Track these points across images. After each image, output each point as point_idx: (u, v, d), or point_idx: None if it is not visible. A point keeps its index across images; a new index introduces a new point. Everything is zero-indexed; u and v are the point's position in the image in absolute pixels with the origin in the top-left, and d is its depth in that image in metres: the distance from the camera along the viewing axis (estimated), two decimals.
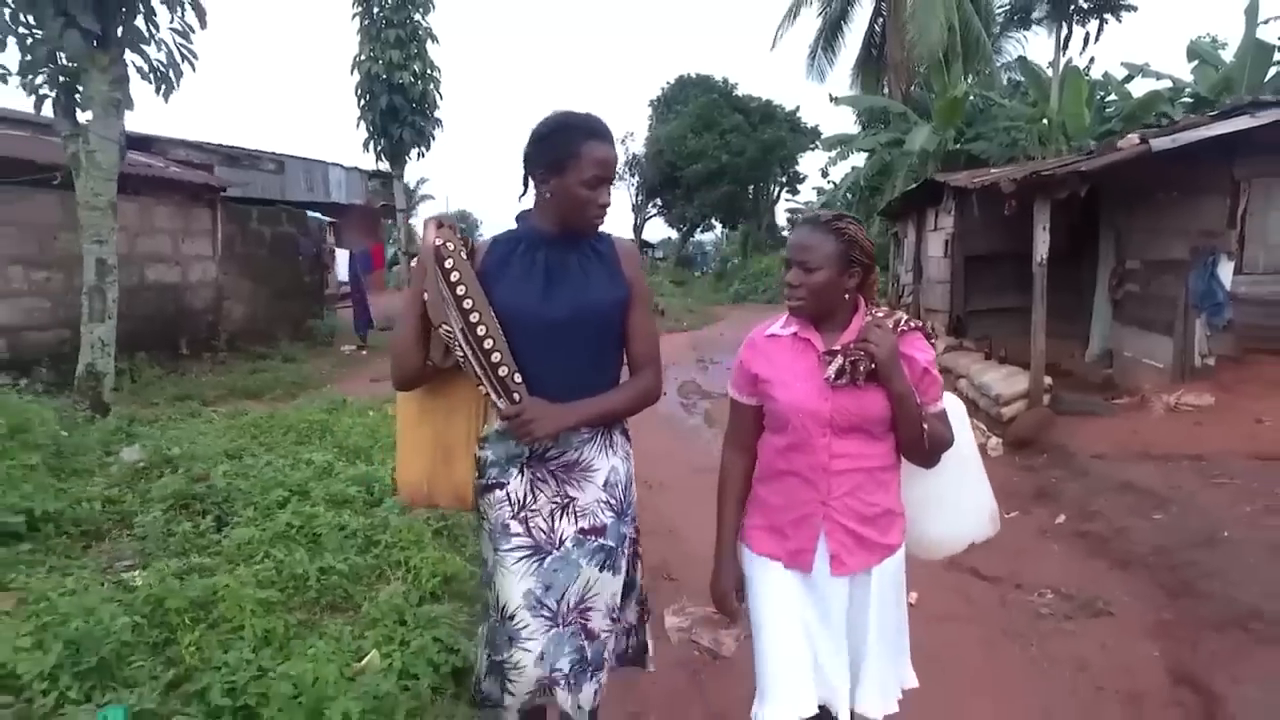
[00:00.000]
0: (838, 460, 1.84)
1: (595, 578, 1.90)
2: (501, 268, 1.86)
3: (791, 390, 1.86)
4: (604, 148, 1.81)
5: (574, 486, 1.90)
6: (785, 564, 1.92)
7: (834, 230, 1.82)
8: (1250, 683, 3.03)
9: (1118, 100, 19.04)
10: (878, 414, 1.82)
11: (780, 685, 1.89)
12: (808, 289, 1.82)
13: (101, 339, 6.24)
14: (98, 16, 5.56)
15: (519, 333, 1.82)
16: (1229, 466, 5.20)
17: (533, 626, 1.84)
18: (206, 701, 2.55)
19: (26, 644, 2.65)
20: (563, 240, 1.87)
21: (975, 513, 2.15)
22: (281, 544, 3.85)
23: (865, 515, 1.87)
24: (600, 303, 1.87)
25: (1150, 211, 7.55)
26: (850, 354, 1.78)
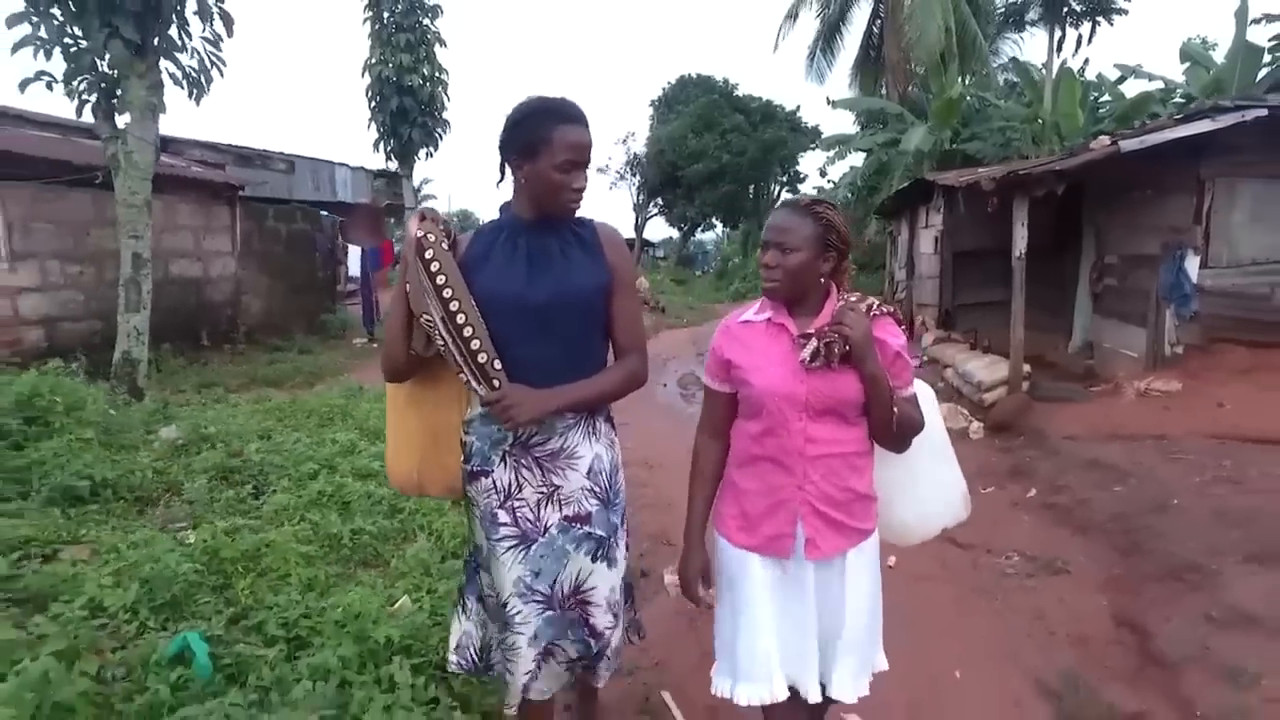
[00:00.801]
0: (812, 445, 1.86)
1: (588, 568, 1.91)
2: (484, 256, 1.87)
3: (766, 374, 1.87)
4: (576, 131, 1.79)
5: (558, 475, 1.90)
6: (761, 552, 1.93)
7: (812, 213, 1.85)
8: (1177, 621, 3.44)
9: (1111, 101, 19.24)
10: (851, 397, 1.84)
11: (755, 668, 1.92)
12: (784, 270, 1.84)
13: (137, 328, 6.66)
14: (138, 27, 5.96)
15: (502, 319, 1.82)
16: (1188, 445, 5.61)
17: (525, 612, 1.88)
18: (264, 633, 2.94)
19: (109, 583, 3.06)
20: (542, 226, 1.87)
21: (947, 497, 2.16)
22: (315, 509, 4.28)
23: (839, 500, 1.89)
24: (582, 287, 1.86)
25: (1126, 209, 7.95)
26: (825, 336, 1.79)
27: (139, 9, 5.91)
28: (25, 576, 3.17)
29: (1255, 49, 15.20)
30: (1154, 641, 3.36)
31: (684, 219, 35.20)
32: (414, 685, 2.54)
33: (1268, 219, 6.62)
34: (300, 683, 2.54)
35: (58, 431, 4.84)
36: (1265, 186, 6.59)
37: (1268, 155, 6.45)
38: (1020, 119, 17.87)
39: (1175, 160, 6.68)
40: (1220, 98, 7.84)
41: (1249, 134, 6.27)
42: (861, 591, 1.93)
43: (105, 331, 8.38)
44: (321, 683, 2.54)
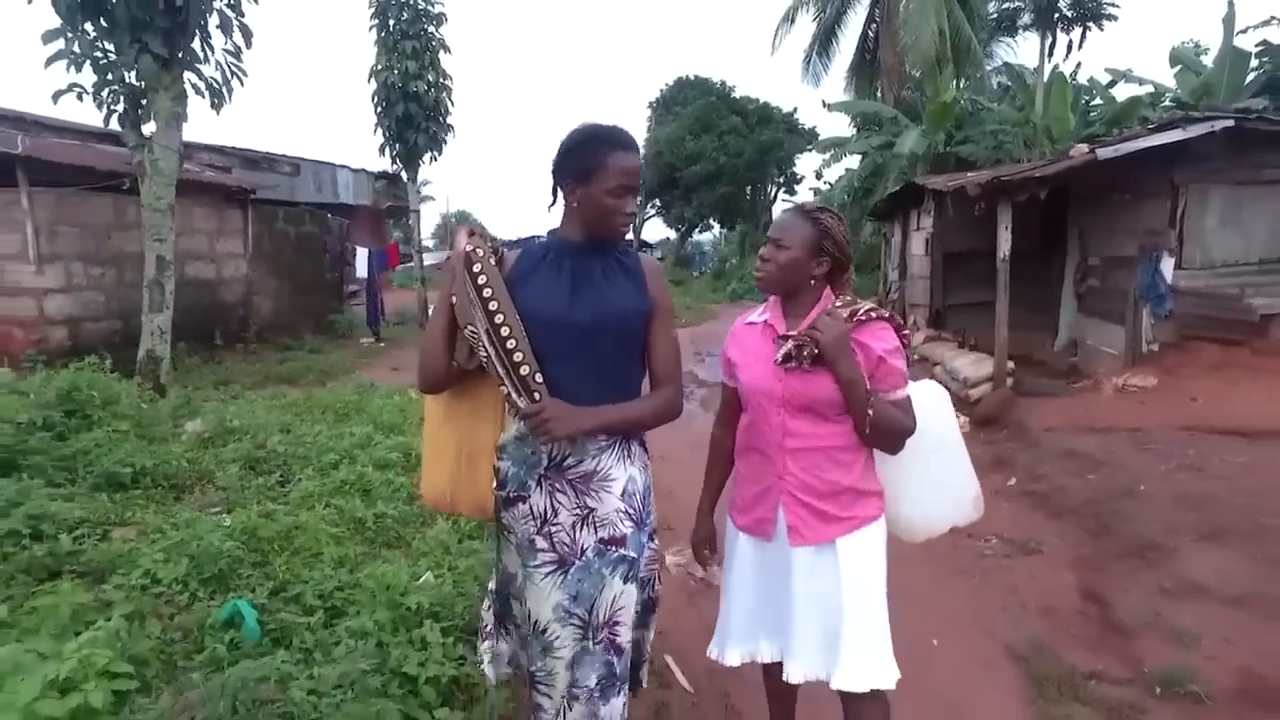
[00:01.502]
0: (791, 438, 1.96)
1: (621, 590, 1.90)
2: (528, 274, 1.90)
3: (750, 371, 2.02)
4: (629, 158, 1.85)
5: (592, 497, 1.90)
6: (749, 533, 2.09)
7: (811, 218, 1.96)
8: (1134, 592, 3.77)
9: (1102, 105, 19.50)
10: (826, 396, 1.91)
11: (735, 633, 2.12)
12: (775, 264, 1.97)
13: (160, 327, 6.97)
14: (165, 42, 6.28)
15: (543, 335, 1.84)
16: (1159, 437, 5.94)
17: (563, 636, 1.87)
18: (302, 603, 3.24)
19: (161, 559, 3.37)
20: (589, 249, 1.91)
21: (955, 497, 2.18)
22: (339, 495, 4.57)
23: (822, 492, 1.95)
24: (623, 310, 1.89)
25: (1107, 212, 8.28)
26: (799, 339, 1.89)
27: (167, 25, 6.23)
28: (86, 552, 3.50)
29: (1243, 54, 15.50)
30: (1113, 611, 3.69)
31: (682, 220, 35.45)
32: (444, 644, 2.85)
33: (1236, 223, 6.97)
34: (340, 644, 2.86)
35: (96, 424, 5.15)
36: (1233, 192, 6.94)
37: (1235, 163, 6.80)
38: (1013, 122, 18.10)
39: (1151, 167, 7.01)
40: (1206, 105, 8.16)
41: (1218, 143, 6.61)
42: (859, 578, 1.95)
43: (125, 331, 8.70)
44: (360, 642, 2.85)
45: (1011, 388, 7.61)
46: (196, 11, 6.41)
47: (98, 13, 6.20)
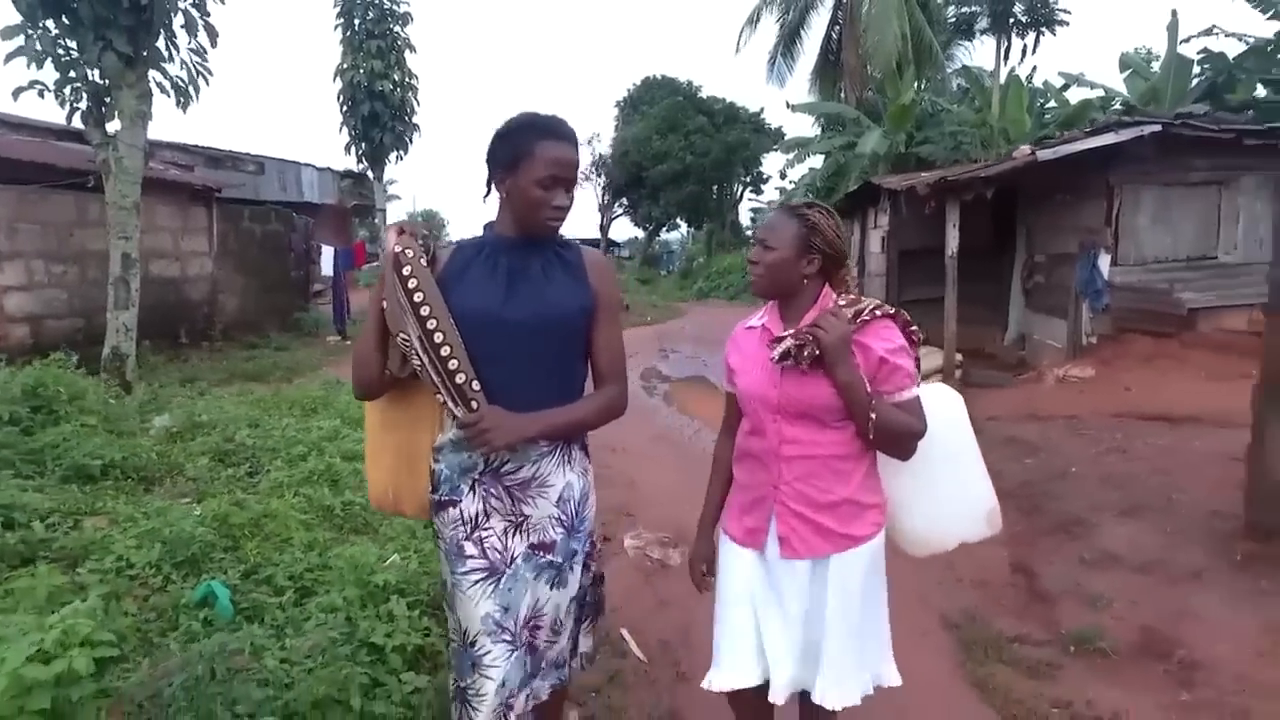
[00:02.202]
0: (788, 446, 1.87)
1: (545, 596, 1.86)
2: (462, 272, 1.81)
3: (748, 376, 1.93)
4: (560, 147, 1.75)
5: (528, 504, 1.84)
6: (740, 542, 1.98)
7: (798, 215, 1.87)
8: (1058, 564, 4.05)
9: (1056, 107, 20.07)
10: (825, 402, 1.82)
11: (725, 655, 1.98)
12: (764, 266, 1.88)
13: (126, 324, 7.02)
14: (130, 40, 6.34)
15: (479, 337, 1.76)
16: (1093, 424, 6.28)
17: (495, 653, 1.80)
18: (273, 584, 3.40)
19: (134, 544, 3.49)
20: (525, 246, 1.82)
21: (966, 511, 2.07)
22: (308, 485, 4.71)
23: (819, 503, 1.86)
24: (562, 307, 1.81)
25: (1051, 212, 8.65)
26: (799, 338, 1.80)
27: (132, 23, 6.29)
28: (59, 539, 3.61)
29: (1186, 61, 16.08)
30: (1039, 581, 3.97)
31: (649, 219, 35.64)
32: (409, 616, 3.03)
33: (1166, 221, 7.36)
34: (310, 619, 3.02)
35: (63, 419, 5.22)
36: (1163, 192, 7.33)
37: (1164, 165, 7.19)
38: (971, 124, 18.54)
39: (1089, 169, 7.37)
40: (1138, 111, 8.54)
41: (1148, 146, 6.98)
42: (846, 598, 1.87)
43: (87, 329, 8.70)
44: (330, 616, 3.02)
45: (959, 379, 7.93)
46: (161, 10, 6.47)
47: (59, 10, 6.24)
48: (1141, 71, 18.39)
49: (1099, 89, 19.06)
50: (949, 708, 3.01)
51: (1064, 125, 17.02)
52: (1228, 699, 2.77)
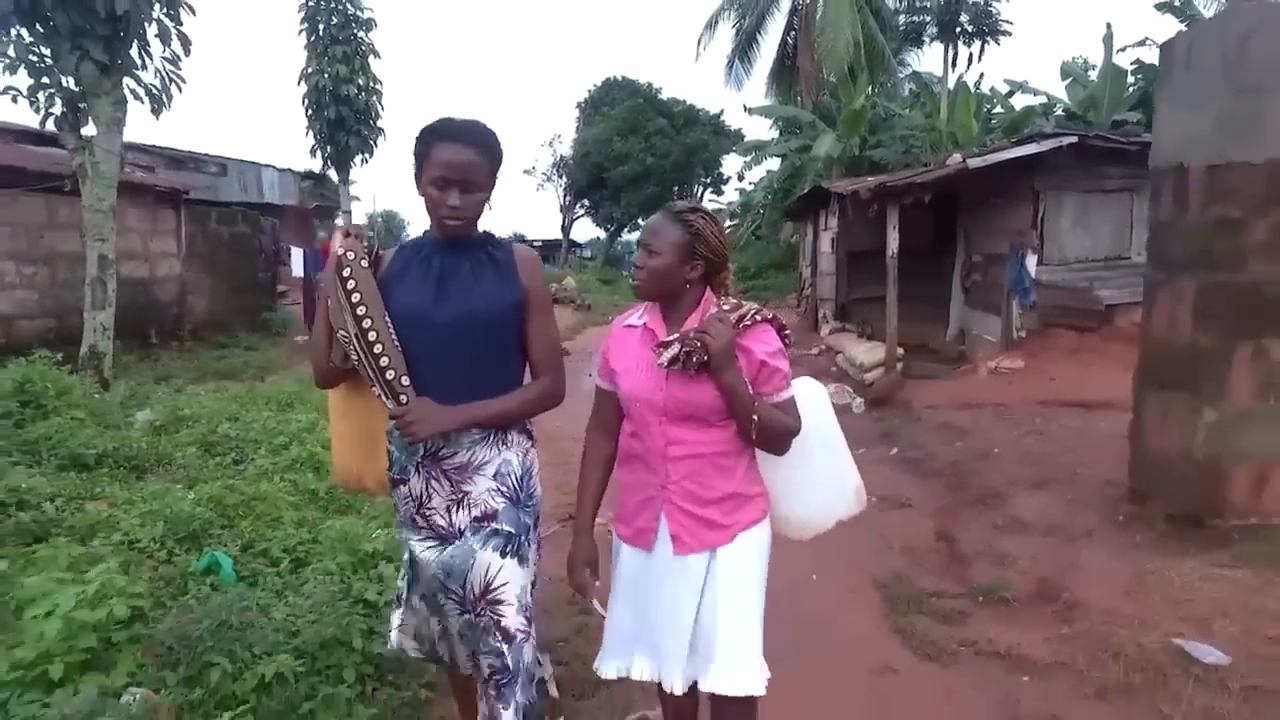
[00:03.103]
0: (674, 446, 1.90)
1: (496, 563, 1.88)
2: (401, 273, 1.91)
3: (632, 378, 1.94)
4: (450, 149, 1.80)
5: (467, 483, 1.93)
6: (629, 543, 2.02)
7: (682, 221, 1.89)
8: (974, 530, 4.56)
9: (1002, 112, 20.83)
10: (710, 404, 1.86)
11: (614, 647, 2.06)
12: (648, 271, 1.89)
13: (103, 324, 7.23)
14: (106, 49, 6.58)
15: (412, 335, 1.86)
16: (1018, 410, 6.86)
17: (447, 607, 1.94)
18: (269, 556, 3.75)
19: (138, 523, 3.81)
20: (457, 247, 1.90)
21: (840, 492, 2.20)
22: (293, 471, 5.04)
23: (706, 499, 1.91)
24: (488, 307, 1.87)
25: (986, 215, 9.26)
26: (686, 343, 1.82)
27: (108, 33, 6.52)
28: (68, 519, 3.92)
29: (1121, 70, 16.91)
30: (958, 545, 4.47)
31: (610, 220, 35.94)
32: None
33: (1085, 224, 8.00)
34: (308, 583, 3.38)
35: (52, 413, 5.47)
36: (1082, 198, 7.97)
37: (1083, 173, 7.82)
38: (921, 128, 19.17)
39: (1016, 175, 7.97)
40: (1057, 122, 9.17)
41: (1068, 155, 7.60)
42: (738, 585, 1.93)
43: (59, 329, 8.86)
44: (326, 578, 3.38)
45: (901, 372, 8.49)
46: (137, 20, 6.71)
47: (34, 19, 6.45)
48: (1081, 80, 19.22)
49: (1042, 95, 19.84)
50: (873, 651, 3.46)
51: (1009, 130, 17.71)
52: (1097, 629, 3.28)
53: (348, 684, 2.73)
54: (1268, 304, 3.50)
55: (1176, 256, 3.83)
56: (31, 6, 6.18)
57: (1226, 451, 3.67)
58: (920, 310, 10.56)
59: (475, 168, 1.82)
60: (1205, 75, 3.54)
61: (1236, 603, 3.24)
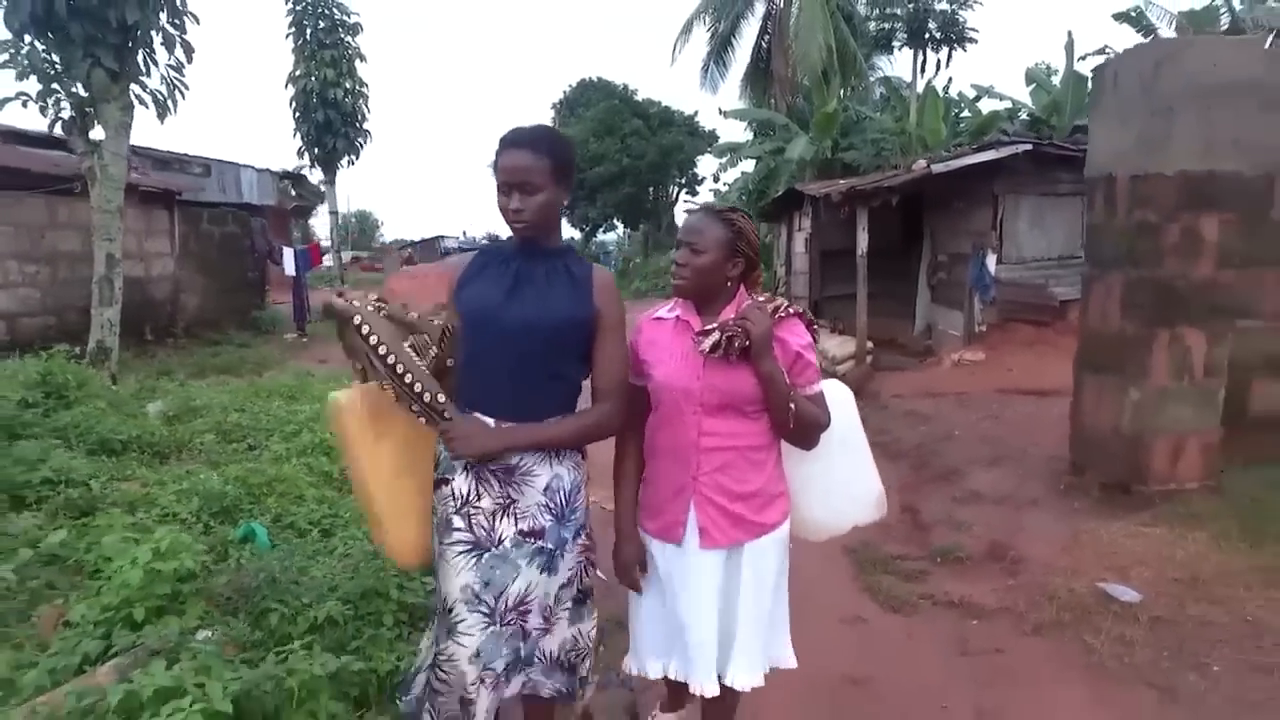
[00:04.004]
0: (707, 438, 1.92)
1: (535, 580, 1.90)
2: (477, 274, 1.95)
3: (666, 367, 1.95)
4: (508, 155, 1.85)
5: (514, 489, 1.90)
6: (656, 537, 2.02)
7: (724, 220, 1.93)
8: (935, 501, 5.06)
9: (970, 116, 21.42)
10: (747, 393, 1.88)
11: (645, 644, 2.09)
12: (692, 269, 1.91)
13: (110, 320, 7.53)
14: (116, 57, 6.89)
15: (472, 331, 1.90)
16: (977, 398, 7.40)
17: (469, 621, 1.86)
18: (296, 528, 4.13)
19: (175, 499, 4.18)
20: (535, 254, 1.92)
21: (859, 497, 2.20)
22: (307, 455, 5.41)
23: (736, 493, 1.93)
24: (556, 316, 1.87)
25: (950, 217, 9.82)
26: (727, 330, 1.84)
27: (118, 42, 6.84)
28: (111, 494, 4.27)
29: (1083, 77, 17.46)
30: (920, 516, 4.96)
31: (586, 220, 36.07)
32: None
33: (1041, 226, 8.58)
34: (337, 550, 3.77)
35: (74, 403, 5.79)
36: (1038, 201, 8.55)
37: (1038, 178, 8.39)
38: (891, 131, 19.68)
39: (978, 179, 8.52)
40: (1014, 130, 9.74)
41: (1025, 161, 8.16)
42: (759, 584, 1.96)
43: (60, 326, 9.12)
44: (355, 544, 3.77)
45: (870, 364, 9.01)
46: (145, 29, 7.02)
47: (50, 29, 6.75)
48: (1044, 85, 19.80)
49: (1007, 100, 20.38)
50: (845, 605, 3.92)
51: (976, 133, 18.20)
52: (1037, 580, 3.78)
53: (387, 627, 3.13)
54: (1180, 297, 4.03)
55: (1107, 255, 4.34)
56: (47, 16, 6.47)
57: (1148, 426, 4.18)
58: (889, 307, 11.11)
59: (531, 170, 1.84)
60: (1128, 97, 4.05)
61: (1152, 554, 3.76)
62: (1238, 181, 3.92)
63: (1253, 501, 4.04)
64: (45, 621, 3.04)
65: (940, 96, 19.35)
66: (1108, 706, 2.85)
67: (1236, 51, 3.88)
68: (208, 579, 3.33)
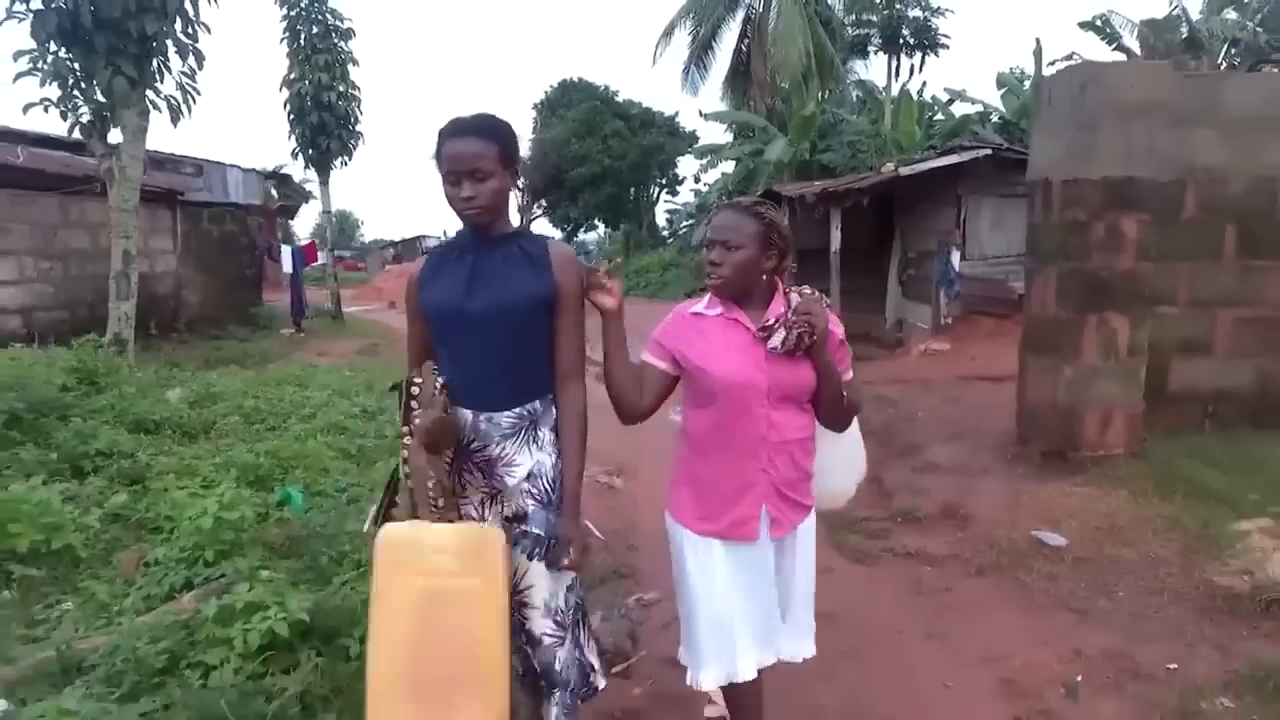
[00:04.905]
0: (774, 431, 1.93)
1: (524, 565, 1.90)
2: (434, 273, 1.94)
3: (724, 363, 1.92)
4: (452, 143, 1.82)
5: (497, 479, 1.92)
6: (725, 538, 1.98)
7: (754, 214, 1.92)
8: (898, 472, 5.62)
9: (943, 119, 22.06)
10: (808, 384, 1.91)
11: (715, 653, 2.01)
12: (730, 266, 1.90)
13: (126, 313, 7.95)
14: (135, 65, 7.32)
15: (446, 330, 1.90)
16: (941, 383, 8.00)
17: None
18: (325, 495, 4.61)
19: (213, 470, 4.64)
20: (489, 241, 1.91)
21: (856, 467, 2.37)
22: (325, 434, 5.88)
23: (795, 480, 1.99)
24: (518, 299, 1.87)
25: (918, 216, 10.44)
26: (794, 326, 1.86)
27: (138, 51, 7.27)
28: (157, 465, 4.74)
29: None
30: (884, 484, 5.51)
31: (568, 220, 36.28)
32: None
33: (1001, 225, 9.21)
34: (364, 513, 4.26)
35: (104, 389, 6.23)
36: (998, 202, 9.18)
37: (999, 180, 9.02)
38: (867, 134, 20.24)
39: (943, 181, 9.14)
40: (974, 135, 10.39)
41: (986, 165, 8.78)
42: (807, 560, 2.09)
43: (71, 320, 9.51)
44: None
45: None
46: (162, 39, 7.46)
47: (74, 39, 7.17)
48: (1015, 90, 20.42)
49: (979, 104, 21.01)
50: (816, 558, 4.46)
51: (949, 136, 18.76)
52: (982, 532, 4.35)
53: None
54: (1106, 286, 4.61)
55: (1044, 250, 4.93)
56: (73, 28, 6.90)
57: (1080, 400, 4.77)
58: (864, 301, 11.71)
59: (479, 156, 1.82)
60: (1059, 112, 4.64)
61: (1080, 508, 4.34)
62: (1153, 186, 4.53)
63: (1167, 464, 4.65)
64: (126, 563, 3.54)
65: (915, 100, 19.99)
66: (1033, 627, 3.42)
67: (1148, 75, 4.50)
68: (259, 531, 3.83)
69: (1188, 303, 4.91)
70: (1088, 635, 3.27)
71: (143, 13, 7.03)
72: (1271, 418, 4.97)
